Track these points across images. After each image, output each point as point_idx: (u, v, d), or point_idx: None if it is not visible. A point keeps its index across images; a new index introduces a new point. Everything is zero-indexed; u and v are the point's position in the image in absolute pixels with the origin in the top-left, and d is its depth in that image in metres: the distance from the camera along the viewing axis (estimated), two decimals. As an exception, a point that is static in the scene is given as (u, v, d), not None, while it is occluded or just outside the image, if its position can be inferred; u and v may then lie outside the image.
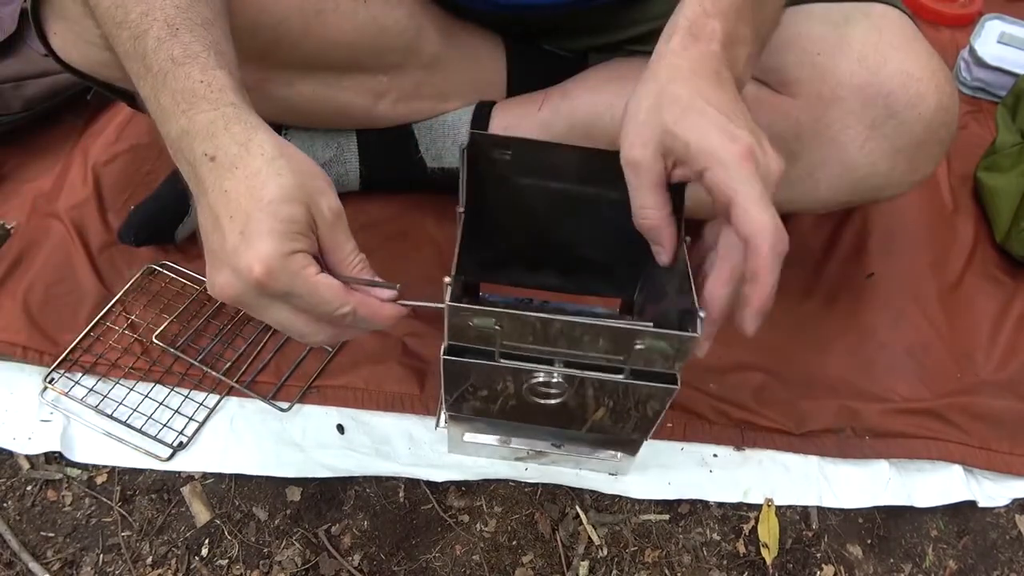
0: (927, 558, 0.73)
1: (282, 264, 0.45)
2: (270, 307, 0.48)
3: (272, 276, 0.45)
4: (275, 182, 0.46)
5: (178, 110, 0.48)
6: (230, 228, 0.45)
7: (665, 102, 0.48)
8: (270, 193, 0.45)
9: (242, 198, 0.45)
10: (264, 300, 0.47)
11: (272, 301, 0.47)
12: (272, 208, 0.45)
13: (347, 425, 0.77)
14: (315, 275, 0.47)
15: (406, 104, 0.82)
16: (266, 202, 0.45)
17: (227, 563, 0.69)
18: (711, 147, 0.46)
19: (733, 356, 0.82)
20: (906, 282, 0.90)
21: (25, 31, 0.96)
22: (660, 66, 0.50)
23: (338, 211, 0.49)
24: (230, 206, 0.46)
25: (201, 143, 0.47)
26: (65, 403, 0.76)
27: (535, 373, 0.56)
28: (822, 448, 0.77)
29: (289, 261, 0.45)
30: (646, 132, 0.48)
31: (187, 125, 0.47)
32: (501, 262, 0.72)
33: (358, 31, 0.72)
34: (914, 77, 0.63)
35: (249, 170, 0.46)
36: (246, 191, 0.45)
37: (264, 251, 0.44)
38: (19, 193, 0.93)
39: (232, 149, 0.46)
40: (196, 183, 0.48)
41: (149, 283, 0.85)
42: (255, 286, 0.45)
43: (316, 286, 0.47)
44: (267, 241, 0.45)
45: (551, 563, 0.70)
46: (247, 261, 0.45)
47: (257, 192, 0.45)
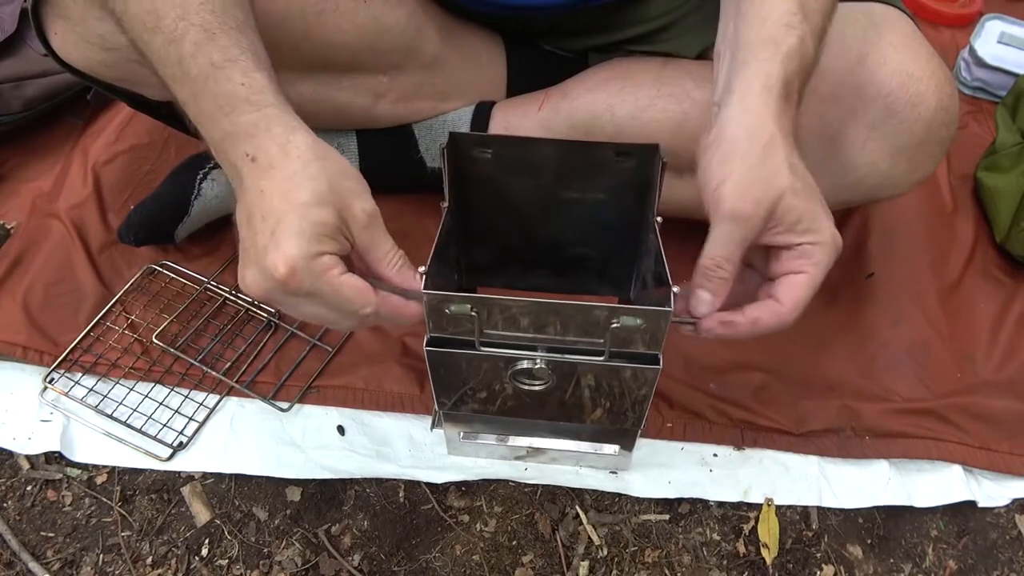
0: (927, 558, 0.73)
1: (306, 265, 0.46)
2: (299, 304, 0.49)
3: (296, 276, 0.46)
4: (308, 185, 0.47)
5: (220, 113, 0.49)
6: (262, 228, 0.47)
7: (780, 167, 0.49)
8: (302, 196, 0.47)
9: (276, 199, 0.47)
10: (291, 298, 0.49)
11: (299, 298, 0.49)
12: (303, 211, 0.46)
13: (347, 426, 0.77)
14: (339, 276, 0.48)
15: (406, 104, 0.82)
16: (298, 204, 0.46)
17: (227, 563, 0.69)
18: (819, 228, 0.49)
19: (733, 356, 0.82)
20: (906, 282, 0.90)
21: (25, 31, 0.96)
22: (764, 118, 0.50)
23: (372, 212, 0.50)
24: (263, 206, 0.47)
25: (243, 144, 0.48)
26: (65, 403, 0.77)
27: (517, 360, 0.56)
28: (822, 448, 0.77)
29: (314, 263, 0.47)
30: (762, 191, 0.49)
31: (230, 127, 0.49)
32: (495, 264, 0.72)
33: (358, 31, 0.72)
34: (914, 77, 0.63)
35: (286, 172, 0.47)
36: (280, 192, 0.47)
37: (290, 252, 0.46)
38: (19, 193, 0.93)
39: (272, 150, 0.48)
40: (238, 182, 0.50)
41: (149, 283, 0.85)
42: (280, 285, 0.47)
43: (340, 287, 0.48)
44: (293, 242, 0.46)
45: (551, 563, 0.70)
46: (273, 260, 0.46)
47: (291, 194, 0.47)
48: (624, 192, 0.62)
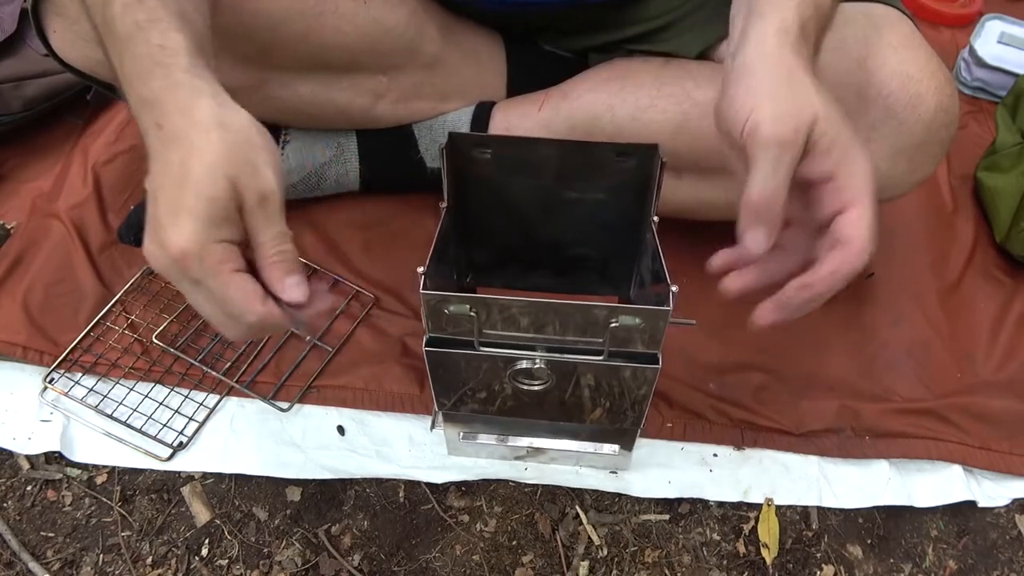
0: (927, 558, 0.73)
1: (199, 252, 0.44)
2: (190, 289, 0.47)
3: (188, 261, 0.44)
4: (202, 158, 0.44)
5: (135, 77, 0.46)
6: (163, 200, 0.45)
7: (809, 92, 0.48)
8: (197, 168, 0.44)
9: (176, 170, 0.44)
10: (184, 281, 0.46)
11: (191, 283, 0.46)
12: (197, 187, 0.44)
13: (347, 426, 0.77)
14: (228, 272, 0.45)
15: (406, 104, 0.82)
16: (192, 178, 0.44)
17: (227, 563, 0.69)
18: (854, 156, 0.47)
19: (733, 356, 0.82)
20: (906, 282, 0.90)
21: (25, 31, 0.96)
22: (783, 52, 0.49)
23: (266, 191, 0.46)
24: (167, 178, 0.45)
25: (151, 111, 0.46)
26: (65, 403, 0.76)
27: (516, 360, 0.56)
28: (822, 448, 0.77)
29: (207, 251, 0.44)
30: (797, 115, 0.47)
31: (143, 92, 0.46)
32: (495, 264, 0.72)
33: (358, 32, 0.72)
34: (914, 78, 0.63)
35: (187, 142, 0.45)
36: (179, 163, 0.44)
37: (185, 234, 0.43)
38: (19, 193, 0.93)
39: (176, 118, 0.45)
40: (148, 151, 0.47)
41: (149, 283, 0.85)
42: (173, 265, 0.45)
43: (225, 285, 0.45)
44: (188, 223, 0.43)
45: (551, 563, 0.70)
46: (169, 239, 0.44)
47: (187, 165, 0.44)
48: (624, 192, 0.62)
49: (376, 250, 0.90)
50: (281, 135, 0.85)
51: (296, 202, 0.91)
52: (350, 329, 0.83)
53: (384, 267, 0.88)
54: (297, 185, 0.88)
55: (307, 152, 0.86)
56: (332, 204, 0.92)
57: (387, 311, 0.85)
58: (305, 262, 0.88)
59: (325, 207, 0.92)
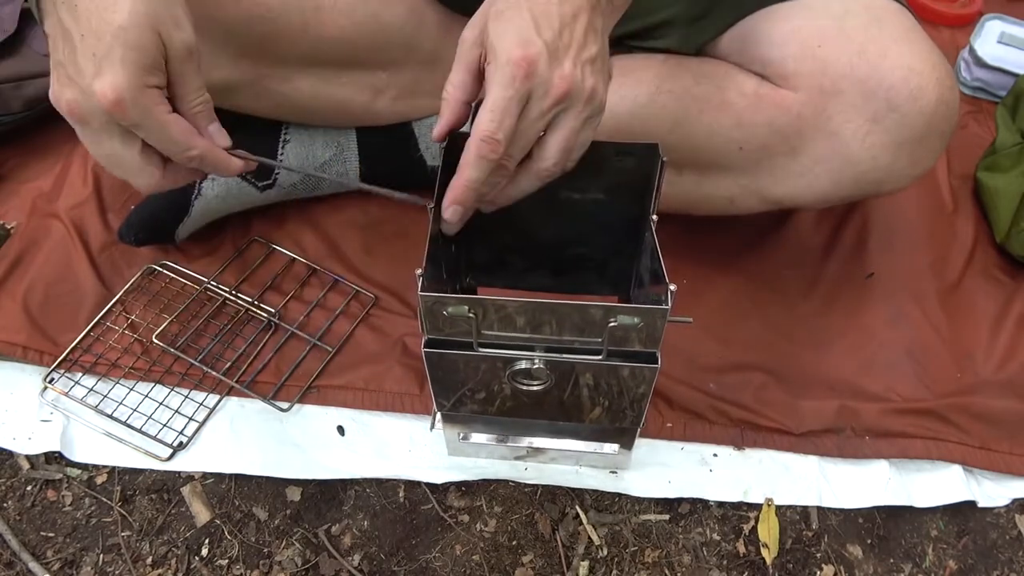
0: (927, 558, 0.73)
1: (135, 96, 0.45)
2: (108, 138, 0.48)
3: (123, 107, 0.45)
4: (126, 6, 0.45)
5: None
6: (82, 47, 0.45)
7: None
8: (120, 17, 0.45)
9: (92, 17, 0.45)
10: (106, 128, 0.47)
11: (113, 132, 0.47)
12: (124, 35, 0.45)
13: (347, 426, 0.77)
14: (166, 112, 0.47)
15: (405, 101, 0.82)
16: (116, 26, 0.45)
17: (227, 563, 0.69)
18: (500, 46, 0.47)
19: (733, 356, 0.82)
20: (906, 282, 0.90)
21: (25, 31, 0.96)
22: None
23: (191, 44, 0.48)
24: (80, 23, 0.45)
25: None
26: (65, 403, 0.77)
27: (515, 360, 0.56)
28: (822, 448, 0.77)
29: (143, 95, 0.46)
30: (480, 19, 0.50)
31: None
32: (495, 264, 0.72)
33: (357, 27, 0.72)
34: (915, 71, 0.63)
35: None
36: (96, 10, 0.45)
37: (119, 81, 0.45)
38: (19, 193, 0.93)
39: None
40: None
41: (149, 283, 0.85)
42: (104, 113, 0.46)
43: (166, 124, 0.47)
44: (121, 71, 0.45)
45: (551, 563, 0.70)
46: (100, 87, 0.45)
47: (107, 15, 0.45)
48: (624, 191, 0.62)
49: (376, 250, 0.90)
50: (281, 134, 0.85)
51: (296, 202, 0.91)
52: (350, 329, 0.83)
53: (384, 267, 0.88)
54: (297, 185, 0.88)
55: (307, 151, 0.86)
56: (332, 204, 0.92)
57: (387, 311, 0.85)
58: (305, 262, 0.88)
59: (325, 207, 0.92)
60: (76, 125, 0.48)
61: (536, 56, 0.47)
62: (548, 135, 0.51)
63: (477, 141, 0.48)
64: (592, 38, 0.50)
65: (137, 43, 0.45)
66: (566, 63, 0.48)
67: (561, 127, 0.50)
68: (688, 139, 0.71)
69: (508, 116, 0.48)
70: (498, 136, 0.48)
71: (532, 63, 0.47)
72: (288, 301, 0.85)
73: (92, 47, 0.45)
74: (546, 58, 0.47)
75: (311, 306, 0.85)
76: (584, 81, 0.49)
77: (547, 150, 0.51)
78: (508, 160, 0.50)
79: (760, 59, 0.69)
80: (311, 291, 0.86)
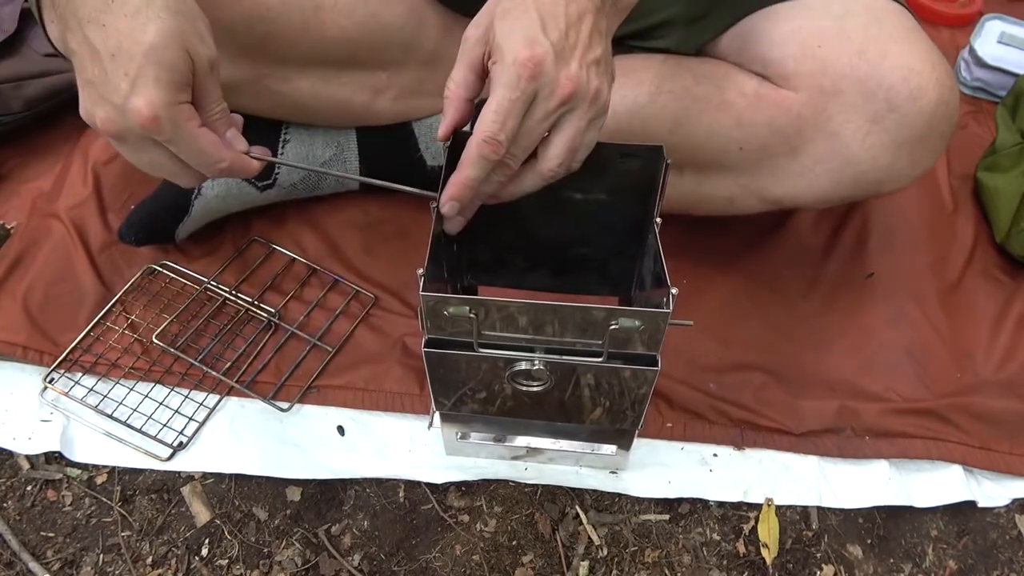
0: (927, 558, 0.73)
1: (169, 114, 0.47)
2: (146, 149, 0.50)
3: (158, 124, 0.47)
4: (155, 25, 0.47)
5: None
6: (113, 68, 0.47)
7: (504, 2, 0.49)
8: (150, 36, 0.46)
9: (123, 37, 0.47)
10: (143, 143, 0.50)
11: (148, 144, 0.50)
12: (155, 54, 0.47)
13: (347, 426, 0.77)
14: (197, 127, 0.50)
15: (405, 101, 0.82)
16: (147, 45, 0.46)
17: (227, 563, 0.69)
18: (506, 45, 0.47)
19: (733, 356, 0.82)
20: (906, 282, 0.90)
21: (25, 31, 0.96)
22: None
23: (214, 59, 0.51)
24: (109, 43, 0.47)
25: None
26: (65, 403, 0.76)
27: (515, 361, 0.56)
28: (822, 448, 0.77)
29: (176, 111, 0.48)
30: (485, 17, 0.50)
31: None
32: (496, 264, 0.72)
33: (357, 27, 0.72)
34: (915, 70, 0.63)
35: (127, 7, 0.47)
36: (126, 31, 0.47)
37: (153, 99, 0.47)
38: (19, 193, 0.93)
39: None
40: (71, 12, 0.49)
41: (149, 283, 0.85)
42: (140, 129, 0.48)
43: (198, 138, 0.50)
44: (155, 90, 0.47)
45: (551, 563, 0.70)
46: (135, 105, 0.47)
47: (137, 34, 0.46)
48: (626, 192, 0.62)
49: (376, 250, 0.90)
50: (281, 134, 0.85)
51: (296, 202, 0.91)
52: (350, 329, 0.83)
53: (384, 267, 0.88)
54: (297, 185, 0.88)
55: (307, 151, 0.86)
56: (332, 204, 0.92)
57: (387, 311, 0.85)
58: (305, 262, 0.88)
59: (325, 207, 0.92)
60: (112, 140, 0.51)
61: (543, 57, 0.47)
62: (553, 135, 0.51)
63: (479, 141, 0.48)
64: (597, 39, 0.50)
65: (168, 62, 0.47)
66: (572, 64, 0.48)
67: (566, 128, 0.50)
68: (688, 139, 0.71)
69: (512, 117, 0.48)
70: (500, 137, 0.48)
71: (539, 64, 0.47)
72: (288, 301, 0.85)
73: (124, 66, 0.47)
74: (552, 58, 0.47)
75: (311, 306, 0.85)
76: (589, 82, 0.49)
77: (552, 150, 0.51)
78: (511, 159, 0.51)
79: (760, 59, 0.69)
80: (311, 291, 0.86)
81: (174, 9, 0.48)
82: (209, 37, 0.51)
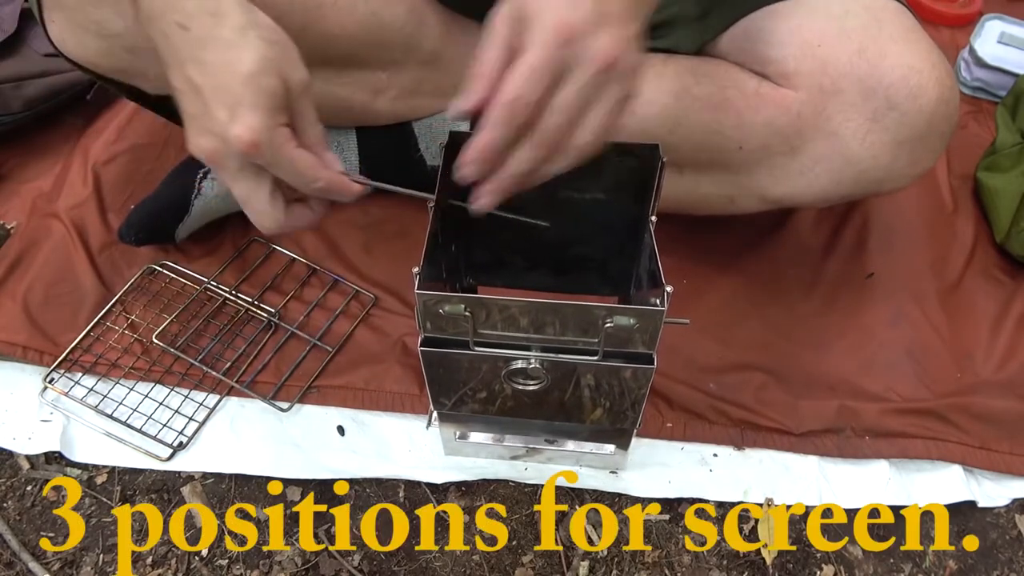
0: (927, 558, 0.73)
1: (269, 137, 0.49)
2: (246, 177, 0.51)
3: (258, 148, 0.48)
4: (250, 56, 0.48)
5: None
6: (213, 100, 0.48)
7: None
8: (246, 66, 0.48)
9: (220, 70, 0.48)
10: (242, 170, 0.51)
11: (248, 171, 0.51)
12: (253, 82, 0.48)
13: (347, 426, 0.77)
14: (295, 148, 0.51)
15: (405, 101, 0.82)
16: (245, 74, 0.48)
17: (227, 563, 0.69)
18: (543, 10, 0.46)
19: (733, 356, 0.82)
20: (906, 282, 0.90)
21: (25, 31, 0.96)
22: None
23: (306, 80, 0.52)
24: (208, 77, 0.48)
25: (172, 12, 0.49)
26: (65, 403, 0.76)
27: (512, 360, 0.56)
28: (822, 448, 0.77)
29: (274, 135, 0.49)
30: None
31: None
32: (495, 264, 0.72)
33: (358, 26, 0.72)
34: (915, 69, 0.63)
35: (222, 41, 0.48)
36: (223, 64, 0.48)
37: (253, 124, 0.48)
38: (19, 193, 0.93)
39: (203, 19, 0.49)
40: (170, 53, 0.50)
41: (149, 283, 0.85)
42: (240, 155, 0.49)
43: (296, 159, 0.51)
44: (253, 115, 0.48)
45: (551, 563, 0.70)
46: (236, 131, 0.48)
47: (234, 66, 0.48)
48: (624, 191, 0.62)
49: (376, 250, 0.90)
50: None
51: (296, 202, 0.91)
52: (350, 329, 0.83)
53: (384, 267, 0.88)
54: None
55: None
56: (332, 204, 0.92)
57: (387, 311, 0.85)
58: (305, 262, 0.88)
59: (325, 207, 0.92)
60: (216, 169, 0.52)
61: (581, 21, 0.45)
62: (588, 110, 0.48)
63: (503, 102, 0.46)
64: (635, 14, 0.48)
65: (265, 88, 0.48)
66: (612, 33, 0.46)
67: (603, 100, 0.48)
68: (688, 138, 0.71)
69: (541, 78, 0.46)
70: (528, 98, 0.46)
71: (575, 28, 0.45)
72: (288, 301, 0.85)
73: (223, 97, 0.48)
74: (592, 24, 0.45)
75: (311, 306, 0.85)
76: (628, 55, 0.47)
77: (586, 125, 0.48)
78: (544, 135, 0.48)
79: (760, 58, 0.69)
80: (311, 291, 0.86)
81: (267, 39, 0.50)
82: (300, 62, 0.52)
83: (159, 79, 0.72)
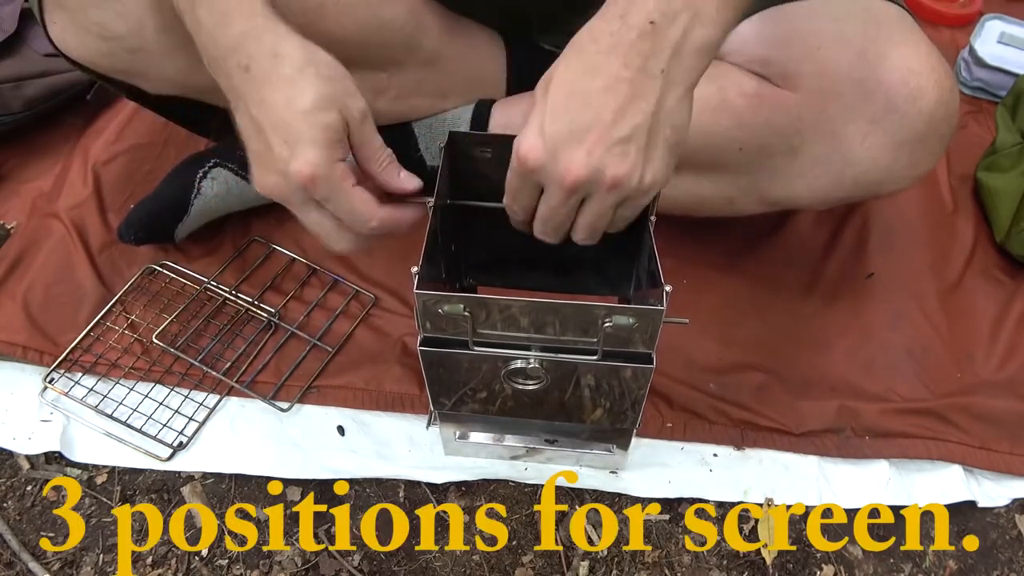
0: (927, 558, 0.73)
1: (326, 172, 0.50)
2: (310, 209, 0.53)
3: (316, 183, 0.50)
4: (309, 92, 0.50)
5: (212, 23, 0.51)
6: (275, 138, 0.50)
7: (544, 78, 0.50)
8: (305, 103, 0.50)
9: (280, 108, 0.50)
10: (307, 202, 0.53)
11: (311, 205, 0.53)
12: (311, 118, 0.49)
13: (347, 426, 0.77)
14: (352, 186, 0.52)
15: (405, 101, 0.82)
16: (303, 111, 0.49)
17: (227, 563, 0.69)
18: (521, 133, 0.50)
19: (733, 356, 0.82)
20: (906, 282, 0.90)
21: (25, 31, 0.96)
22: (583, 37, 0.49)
23: (365, 110, 0.53)
24: (270, 116, 0.50)
25: (235, 55, 0.51)
26: (65, 403, 0.77)
27: (511, 360, 0.56)
28: (822, 448, 0.77)
29: (332, 170, 0.50)
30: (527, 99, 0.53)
31: (221, 38, 0.51)
32: (495, 264, 0.72)
33: (358, 26, 0.72)
34: (914, 71, 0.63)
35: (282, 80, 0.50)
36: (284, 101, 0.50)
37: (311, 159, 0.49)
38: (19, 193, 0.93)
39: (264, 60, 0.50)
40: (233, 94, 0.52)
41: (149, 283, 0.85)
42: (301, 189, 0.51)
43: (351, 196, 0.52)
44: (312, 150, 0.49)
45: (551, 563, 0.70)
46: (296, 167, 0.50)
47: (294, 103, 0.50)
48: None
49: (376, 250, 0.90)
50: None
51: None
52: (350, 329, 0.83)
53: (384, 267, 0.88)
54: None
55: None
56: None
57: (387, 311, 0.85)
58: (305, 262, 0.88)
59: (325, 207, 0.92)
60: (285, 204, 0.54)
61: (531, 151, 0.49)
62: (578, 216, 0.53)
63: None
64: (630, 113, 0.47)
65: (324, 123, 0.50)
66: (577, 153, 0.47)
67: (586, 210, 0.52)
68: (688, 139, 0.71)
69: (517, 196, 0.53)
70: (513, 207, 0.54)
71: (526, 159, 0.49)
72: (288, 301, 0.85)
73: (283, 134, 0.50)
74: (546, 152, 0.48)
75: (311, 306, 0.85)
76: (604, 169, 0.48)
77: (576, 228, 0.54)
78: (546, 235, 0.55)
79: (760, 59, 0.69)
80: (311, 291, 0.86)
81: (324, 75, 0.51)
82: (358, 92, 0.53)
83: (159, 79, 0.72)
